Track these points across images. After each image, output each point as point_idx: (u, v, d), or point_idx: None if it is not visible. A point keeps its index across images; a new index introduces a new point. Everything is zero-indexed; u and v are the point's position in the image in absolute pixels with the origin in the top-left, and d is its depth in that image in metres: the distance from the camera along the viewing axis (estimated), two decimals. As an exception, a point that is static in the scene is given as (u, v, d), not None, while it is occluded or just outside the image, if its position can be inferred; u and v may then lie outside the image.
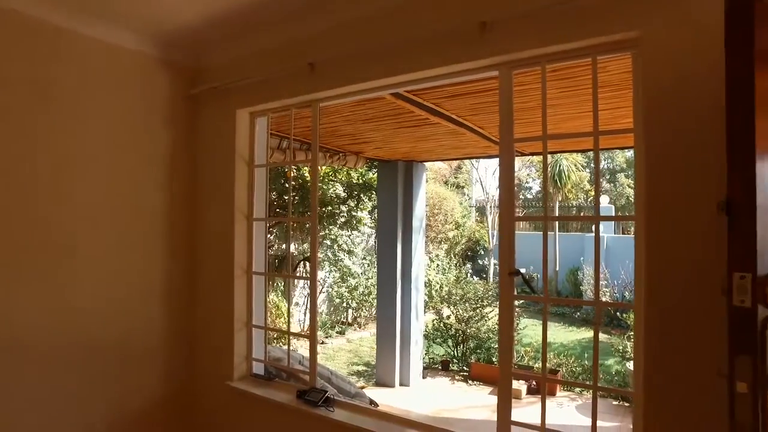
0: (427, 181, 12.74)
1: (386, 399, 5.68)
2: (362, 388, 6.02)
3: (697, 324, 1.77)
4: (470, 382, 6.48)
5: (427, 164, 12.88)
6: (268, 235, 8.24)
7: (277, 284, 7.86)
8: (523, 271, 2.52)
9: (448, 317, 7.24)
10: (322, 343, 8.54)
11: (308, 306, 8.93)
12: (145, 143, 3.24)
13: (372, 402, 4.77)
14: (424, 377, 6.50)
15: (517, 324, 7.14)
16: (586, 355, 7.38)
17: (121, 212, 3.12)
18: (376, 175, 7.24)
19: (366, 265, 9.57)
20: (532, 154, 5.83)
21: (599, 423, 2.27)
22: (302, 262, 6.29)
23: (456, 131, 4.11)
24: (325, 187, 7.94)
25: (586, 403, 5.84)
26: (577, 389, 6.25)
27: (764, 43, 1.17)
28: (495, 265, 12.20)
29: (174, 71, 3.37)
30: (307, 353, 3.34)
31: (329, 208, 8.08)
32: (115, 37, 3.01)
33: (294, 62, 2.90)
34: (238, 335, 3.29)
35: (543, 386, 2.39)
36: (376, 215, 7.58)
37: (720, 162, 1.29)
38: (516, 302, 2.39)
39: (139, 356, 3.18)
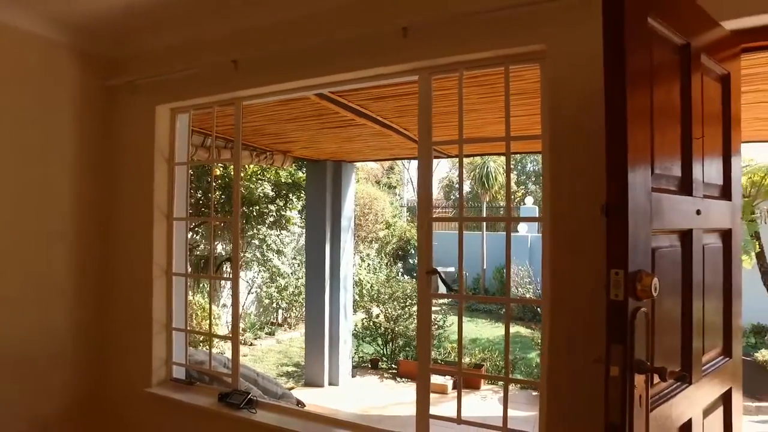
0: (358, 181, 12.85)
1: (315, 399, 5.67)
2: (291, 389, 5.97)
3: (592, 317, 1.92)
4: (399, 379, 6.60)
5: (359, 164, 13.00)
6: (195, 236, 7.96)
7: (203, 285, 7.61)
8: (443, 270, 2.62)
9: (378, 316, 7.34)
10: (251, 344, 8.36)
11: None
12: (53, 136, 3.05)
13: (299, 402, 4.75)
14: (353, 376, 6.55)
15: (444, 321, 7.35)
16: (510, 349, 7.74)
17: (24, 210, 2.91)
18: (305, 174, 7.20)
19: (296, 265, 9.48)
20: (457, 156, 6.02)
21: (519, 413, 2.42)
22: (225, 263, 6.14)
23: (382, 133, 4.18)
24: (252, 186, 7.76)
25: (509, 395, 6.12)
26: (500, 382, 6.53)
27: (638, 64, 1.30)
28: (425, 264, 12.47)
29: (88, 61, 3.18)
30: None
31: (257, 207, 7.92)
32: (19, 20, 2.80)
33: (217, 59, 2.84)
34: (156, 338, 3.17)
35: (459, 381, 2.50)
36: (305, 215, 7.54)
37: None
38: (445, 300, 2.49)
39: (41, 361, 2.97)
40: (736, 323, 1.84)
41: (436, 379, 5.97)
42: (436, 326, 7.15)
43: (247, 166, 7.45)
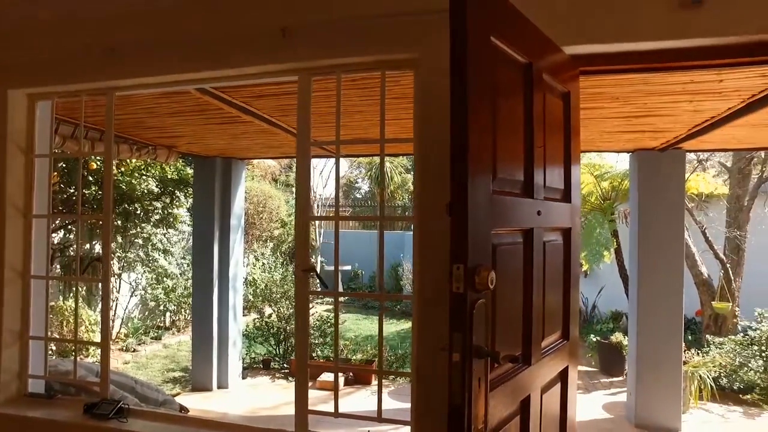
0: (253, 179, 12.53)
1: (202, 404, 5.46)
2: (176, 395, 5.69)
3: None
4: (290, 378, 6.55)
5: (255, 161, 12.68)
6: (68, 234, 7.25)
7: (78, 288, 6.96)
8: (339, 268, 2.66)
9: (270, 316, 7.23)
10: (134, 350, 7.81)
11: (116, 311, 8.09)
12: None
13: (182, 408, 4.55)
14: (243, 378, 6.40)
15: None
16: (403, 344, 8.02)
17: None
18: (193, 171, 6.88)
19: (186, 266, 9.02)
20: (349, 155, 6.11)
21: (402, 405, 2.52)
22: (92, 263, 5.69)
23: (269, 130, 4.13)
24: (135, 181, 7.25)
25: (398, 389, 6.32)
26: (391, 377, 6.74)
27: (480, 78, 1.45)
28: (322, 262, 12.51)
29: None
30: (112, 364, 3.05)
31: (140, 204, 7.41)
32: None
33: (87, 44, 2.64)
34: (7, 351, 2.86)
35: (335, 376, 2.56)
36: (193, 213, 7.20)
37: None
38: (342, 299, 2.53)
39: None
40: (574, 309, 2.10)
41: (327, 376, 6.03)
42: (328, 324, 7.21)
43: (128, 160, 6.95)
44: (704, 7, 2.09)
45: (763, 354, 5.74)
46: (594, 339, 7.71)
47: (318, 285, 3.66)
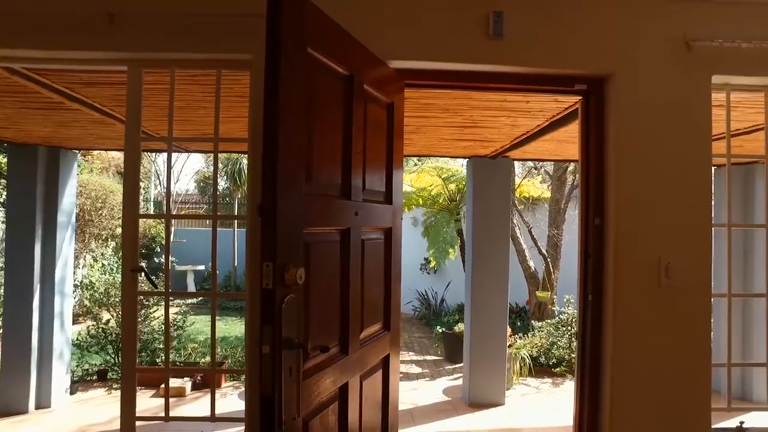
0: (90, 171, 11.30)
1: (13, 429, 4.80)
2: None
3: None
4: (132, 388, 6.08)
5: (96, 152, 11.43)
6: None
7: None
8: (193, 268, 2.56)
9: (108, 321, 6.61)
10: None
11: None
12: None
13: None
14: (73, 393, 5.75)
15: (184, 321, 7.06)
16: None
17: None
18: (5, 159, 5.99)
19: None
20: (203, 151, 5.86)
21: None
22: None
23: (105, 121, 3.82)
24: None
25: (251, 388, 6.21)
26: (243, 377, 6.59)
27: (295, 86, 1.54)
28: (173, 262, 11.74)
29: None
30: None
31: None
32: None
33: None
34: None
35: (166, 379, 2.49)
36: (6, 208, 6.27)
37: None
38: (194, 300, 2.42)
39: None
40: (395, 302, 2.30)
41: (173, 382, 5.72)
42: (175, 327, 6.82)
43: None
44: (505, 41, 2.44)
45: (568, 333, 6.75)
46: (440, 330, 8.35)
47: (177, 287, 3.46)
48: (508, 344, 5.84)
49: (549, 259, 8.56)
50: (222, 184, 19.00)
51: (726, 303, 2.80)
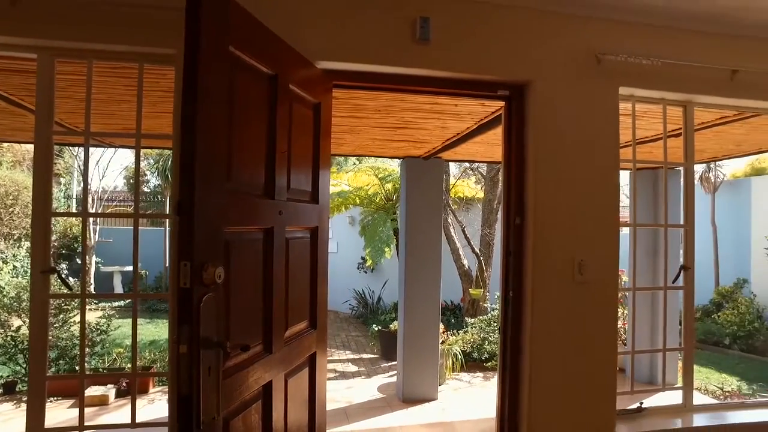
0: (0, 165, 10.47)
1: None
2: None
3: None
4: (50, 399, 5.69)
5: (6, 145, 10.59)
6: None
7: None
8: (120, 269, 2.43)
9: (19, 329, 6.15)
10: None
11: None
12: None
13: None
14: (-29, 409, 5.32)
15: (109, 325, 6.71)
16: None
17: None
18: None
19: None
20: (126, 147, 5.60)
21: None
22: None
23: (13, 111, 3.57)
24: None
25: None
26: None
27: (216, 85, 1.53)
28: (97, 263, 11.11)
29: None
30: None
31: None
32: None
33: None
34: None
35: (81, 385, 2.37)
36: None
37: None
38: (121, 302, 2.29)
39: None
40: (322, 300, 2.32)
41: (95, 390, 5.43)
42: (99, 331, 6.46)
43: None
44: (432, 46, 2.53)
45: (499, 329, 7.03)
46: (376, 328, 8.44)
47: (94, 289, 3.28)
48: (441, 341, 6.00)
49: (482, 258, 8.87)
50: (154, 181, 18.19)
51: (635, 295, 3.03)
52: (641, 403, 3.00)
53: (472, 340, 7.03)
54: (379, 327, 8.37)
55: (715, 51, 2.95)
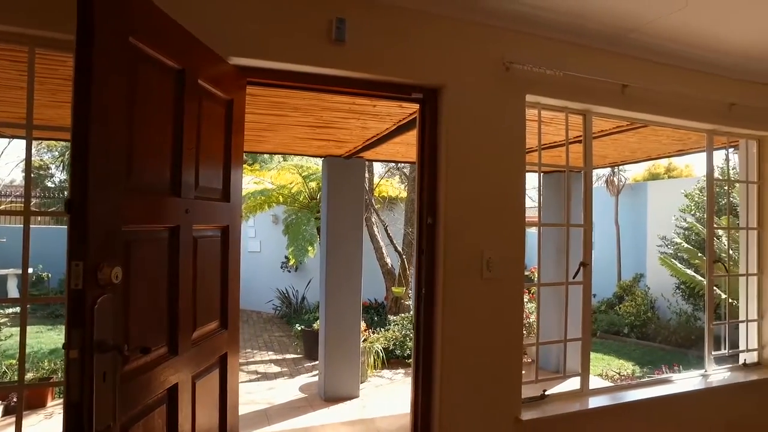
0: None
1: None
2: None
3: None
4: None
5: None
6: None
7: None
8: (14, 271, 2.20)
9: None
10: None
11: None
12: None
13: None
14: None
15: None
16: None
17: None
18: None
19: None
20: (17, 137, 5.14)
21: None
22: None
23: None
24: None
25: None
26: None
27: (113, 78, 1.46)
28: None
29: None
30: None
31: None
32: None
33: None
34: None
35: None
36: None
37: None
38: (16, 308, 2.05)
39: None
40: (233, 299, 2.28)
41: (-15, 404, 4.94)
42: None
43: None
44: (347, 47, 2.56)
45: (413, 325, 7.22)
46: (299, 328, 8.36)
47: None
48: (362, 339, 6.07)
49: (404, 257, 9.05)
50: (59, 175, 16.84)
51: (539, 290, 3.23)
52: (544, 391, 3.21)
53: (394, 337, 7.17)
54: (303, 326, 8.31)
55: (609, 66, 3.23)
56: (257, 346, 8.56)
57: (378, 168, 10.47)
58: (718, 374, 3.87)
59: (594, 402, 3.32)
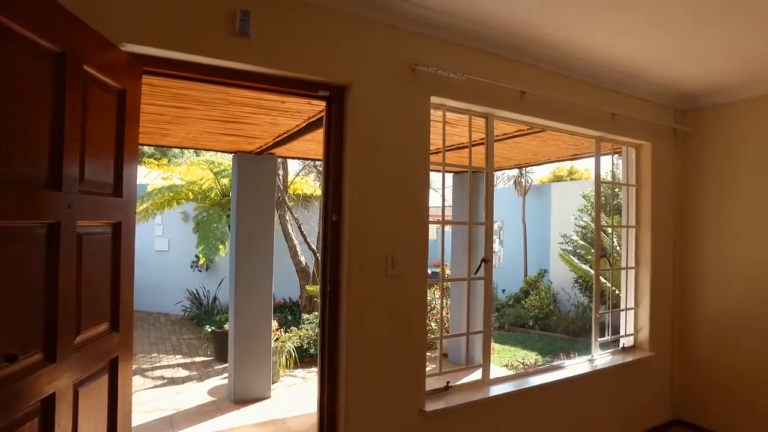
0: None
1: None
2: None
3: None
4: None
5: None
6: None
7: None
8: None
9: None
10: None
11: None
12: None
13: None
14: None
15: None
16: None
17: None
18: None
19: None
20: None
21: None
22: None
23: None
24: None
25: None
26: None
27: None
28: None
29: None
30: None
31: None
32: None
33: None
34: None
35: None
36: None
37: None
38: None
39: None
40: (126, 299, 2.15)
41: None
42: None
43: None
44: (252, 40, 2.50)
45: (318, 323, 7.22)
46: (210, 329, 8.04)
47: None
48: (274, 338, 5.97)
49: (319, 255, 9.01)
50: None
51: (443, 285, 3.36)
52: (448, 382, 3.35)
53: (307, 335, 7.11)
54: (213, 328, 7.99)
55: (509, 73, 3.43)
56: (164, 350, 8.12)
57: (294, 165, 10.32)
58: (602, 358, 4.25)
59: (495, 390, 3.51)
